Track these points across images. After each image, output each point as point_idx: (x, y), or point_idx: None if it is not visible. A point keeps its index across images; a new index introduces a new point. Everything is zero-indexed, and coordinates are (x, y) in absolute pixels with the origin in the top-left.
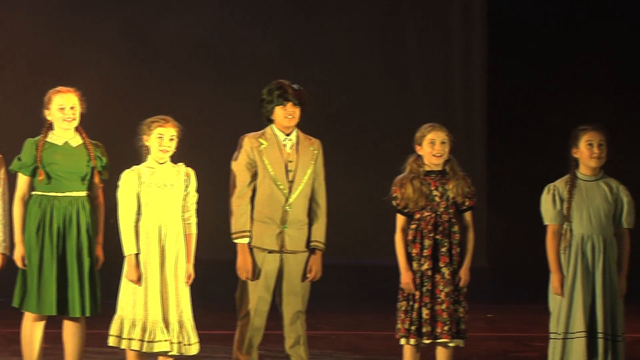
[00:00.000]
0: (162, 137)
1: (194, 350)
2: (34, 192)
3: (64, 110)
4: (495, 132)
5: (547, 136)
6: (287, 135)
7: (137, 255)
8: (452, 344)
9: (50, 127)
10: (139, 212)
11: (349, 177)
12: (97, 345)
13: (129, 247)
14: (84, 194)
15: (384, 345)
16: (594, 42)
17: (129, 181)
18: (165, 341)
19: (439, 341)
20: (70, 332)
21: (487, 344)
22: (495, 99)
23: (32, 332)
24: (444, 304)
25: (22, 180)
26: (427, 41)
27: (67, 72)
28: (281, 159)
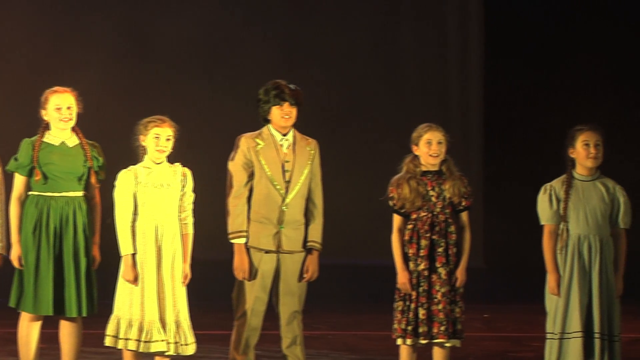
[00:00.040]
0: (158, 137)
1: (190, 350)
2: (30, 192)
3: (61, 110)
4: (491, 132)
5: (544, 136)
6: (284, 135)
7: (133, 255)
8: (448, 344)
9: (46, 127)
10: (135, 212)
11: (345, 177)
12: (94, 345)
13: (125, 247)
14: (80, 194)
15: (381, 345)
16: (590, 43)
17: (125, 181)
18: (162, 341)
19: (436, 341)
20: (66, 332)
21: (483, 344)
22: (491, 99)
23: (29, 332)
24: (440, 304)
25: (19, 180)
26: (424, 41)
27: (64, 72)
28: (278, 159)
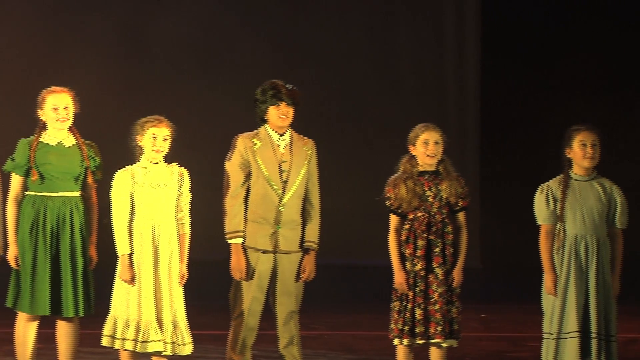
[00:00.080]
0: (155, 137)
1: (187, 350)
2: (27, 192)
3: (58, 110)
4: (488, 132)
5: (541, 136)
6: (281, 135)
7: (130, 255)
8: (445, 345)
9: (43, 127)
10: (132, 212)
11: (342, 177)
12: (91, 345)
13: (122, 247)
14: (77, 194)
15: (377, 345)
16: (587, 42)
17: (122, 181)
18: (158, 341)
19: (432, 341)
20: (63, 332)
21: (480, 344)
22: (488, 99)
23: (26, 332)
24: (437, 304)
25: (16, 180)
26: (420, 41)
27: (61, 72)
28: (275, 159)
